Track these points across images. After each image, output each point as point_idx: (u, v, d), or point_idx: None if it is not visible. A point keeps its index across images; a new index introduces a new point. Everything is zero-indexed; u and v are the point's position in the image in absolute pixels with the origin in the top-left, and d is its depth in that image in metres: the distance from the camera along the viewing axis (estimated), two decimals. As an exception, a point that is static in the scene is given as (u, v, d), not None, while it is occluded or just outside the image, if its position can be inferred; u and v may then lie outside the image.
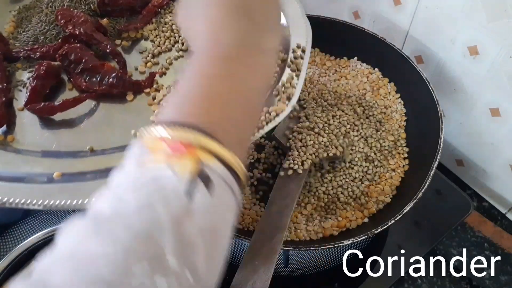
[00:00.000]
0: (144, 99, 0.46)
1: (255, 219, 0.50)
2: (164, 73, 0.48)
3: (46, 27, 0.50)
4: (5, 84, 0.44)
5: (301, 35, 0.48)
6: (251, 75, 0.28)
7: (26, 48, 0.48)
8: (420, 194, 0.46)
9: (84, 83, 0.44)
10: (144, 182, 0.23)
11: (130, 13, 0.52)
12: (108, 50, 0.47)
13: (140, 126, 0.43)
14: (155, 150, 0.24)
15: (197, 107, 0.26)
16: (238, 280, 0.40)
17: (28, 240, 0.54)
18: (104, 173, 0.38)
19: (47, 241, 0.55)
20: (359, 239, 0.44)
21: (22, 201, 0.36)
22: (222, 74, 0.27)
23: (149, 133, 0.25)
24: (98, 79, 0.44)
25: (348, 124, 0.55)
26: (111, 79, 0.44)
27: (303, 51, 0.46)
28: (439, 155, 0.49)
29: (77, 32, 0.46)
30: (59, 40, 0.48)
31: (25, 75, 0.47)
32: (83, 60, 0.44)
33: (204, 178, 0.23)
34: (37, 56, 0.47)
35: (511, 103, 0.54)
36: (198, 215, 0.22)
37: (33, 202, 0.36)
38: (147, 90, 0.46)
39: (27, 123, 0.43)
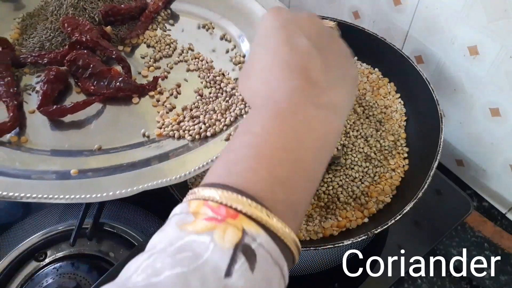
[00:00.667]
0: (148, 101, 0.48)
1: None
2: (166, 77, 0.51)
3: (51, 34, 0.51)
4: (15, 88, 0.46)
5: None
6: (304, 131, 0.26)
7: (34, 54, 0.49)
8: (420, 194, 0.46)
9: (92, 87, 0.47)
10: (181, 246, 0.21)
11: (130, 20, 0.55)
12: (113, 56, 0.49)
13: (145, 127, 0.45)
14: (197, 214, 0.23)
15: (244, 167, 0.25)
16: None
17: (28, 240, 0.54)
18: (114, 169, 0.41)
19: (47, 241, 0.55)
20: (359, 239, 0.44)
21: (45, 196, 0.38)
22: (273, 131, 0.26)
23: (193, 193, 0.24)
24: (106, 83, 0.47)
25: (348, 124, 0.55)
26: (118, 83, 0.46)
27: None
28: (439, 155, 0.49)
29: (84, 39, 0.49)
30: (65, 46, 0.50)
31: (33, 80, 0.49)
32: (91, 66, 0.47)
33: (246, 251, 0.21)
34: (45, 61, 0.49)
35: (511, 103, 0.54)
36: None
37: (55, 197, 0.38)
38: (151, 93, 0.49)
39: (38, 125, 0.45)
